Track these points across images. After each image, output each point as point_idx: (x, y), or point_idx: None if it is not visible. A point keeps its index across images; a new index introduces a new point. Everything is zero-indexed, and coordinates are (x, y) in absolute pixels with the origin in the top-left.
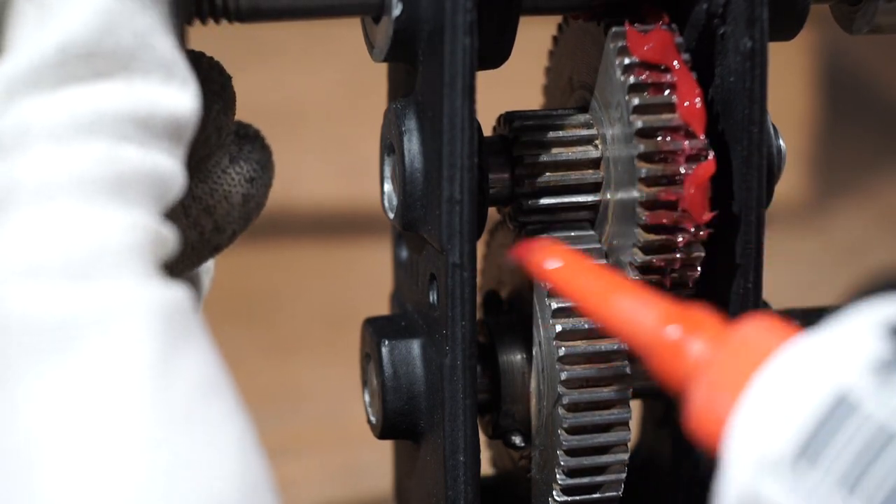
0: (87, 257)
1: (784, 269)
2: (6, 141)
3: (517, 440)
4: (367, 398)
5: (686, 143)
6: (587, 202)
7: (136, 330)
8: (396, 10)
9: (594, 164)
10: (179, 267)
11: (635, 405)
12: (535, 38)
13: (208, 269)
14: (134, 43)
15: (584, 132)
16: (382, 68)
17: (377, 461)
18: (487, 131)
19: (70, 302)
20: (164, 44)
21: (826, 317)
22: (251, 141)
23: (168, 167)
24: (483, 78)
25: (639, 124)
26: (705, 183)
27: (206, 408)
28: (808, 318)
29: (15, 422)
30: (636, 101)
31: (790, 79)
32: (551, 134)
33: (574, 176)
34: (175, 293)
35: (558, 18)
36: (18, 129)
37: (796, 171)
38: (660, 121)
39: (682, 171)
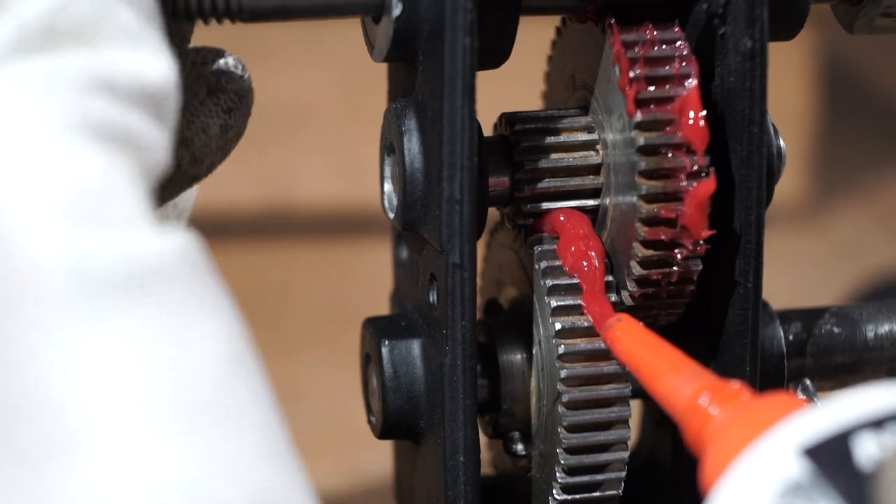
0: (81, 200)
1: (784, 269)
2: None
3: (518, 448)
4: (366, 398)
5: (687, 160)
6: (587, 206)
7: (151, 293)
8: (396, 10)
9: (595, 169)
10: (157, 199)
11: (635, 405)
12: (535, 38)
13: (186, 209)
14: (94, 15)
15: (585, 136)
16: (382, 68)
17: (377, 461)
18: (487, 131)
19: (76, 250)
20: (127, 15)
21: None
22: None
23: (145, 133)
24: (483, 78)
25: (641, 141)
26: (705, 202)
27: (233, 388)
28: (808, 317)
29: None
30: (639, 116)
31: (790, 79)
32: (552, 138)
33: (574, 181)
34: (184, 241)
35: (558, 18)
36: None
37: (796, 171)
38: (662, 137)
39: (683, 185)
